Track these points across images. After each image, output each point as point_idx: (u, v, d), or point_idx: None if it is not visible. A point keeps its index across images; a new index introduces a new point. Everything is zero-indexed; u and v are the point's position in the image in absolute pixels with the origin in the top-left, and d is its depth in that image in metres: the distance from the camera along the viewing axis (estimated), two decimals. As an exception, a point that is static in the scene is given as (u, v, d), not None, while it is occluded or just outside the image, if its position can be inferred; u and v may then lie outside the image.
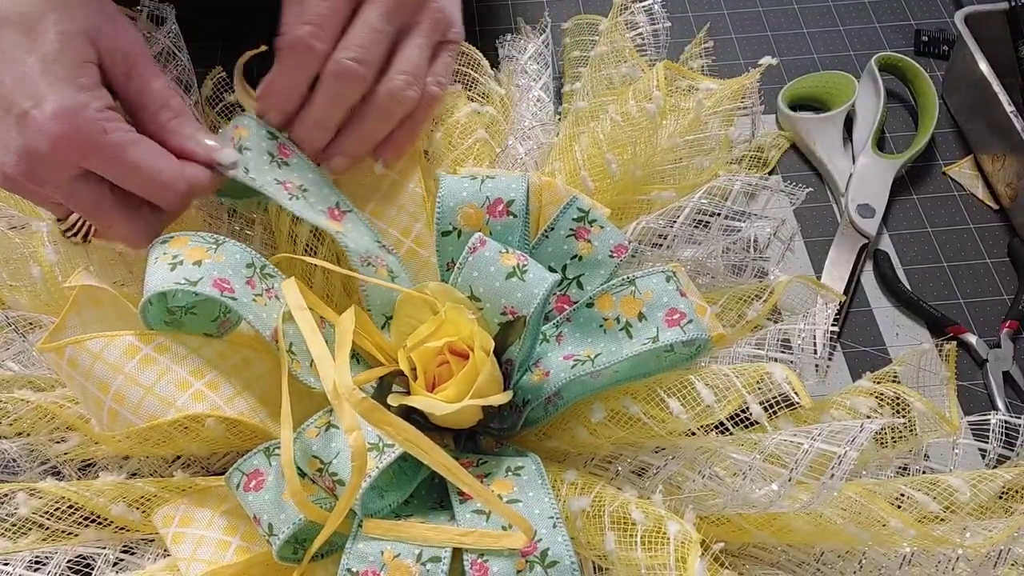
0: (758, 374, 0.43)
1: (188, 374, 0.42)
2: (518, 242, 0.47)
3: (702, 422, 0.42)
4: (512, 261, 0.44)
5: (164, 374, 0.41)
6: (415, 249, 0.50)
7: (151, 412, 0.41)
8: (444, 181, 0.48)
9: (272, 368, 0.44)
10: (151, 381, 0.41)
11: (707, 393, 0.42)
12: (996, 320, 0.57)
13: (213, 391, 0.42)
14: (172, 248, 0.43)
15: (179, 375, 0.41)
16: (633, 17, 0.59)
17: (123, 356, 0.41)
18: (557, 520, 0.39)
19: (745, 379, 0.42)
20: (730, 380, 0.43)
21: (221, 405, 0.41)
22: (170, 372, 0.41)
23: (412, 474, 0.43)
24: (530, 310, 0.43)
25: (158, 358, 0.42)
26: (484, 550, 0.39)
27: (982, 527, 0.42)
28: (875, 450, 0.46)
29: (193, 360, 0.42)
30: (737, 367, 0.44)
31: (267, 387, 0.44)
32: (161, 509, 0.43)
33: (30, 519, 0.43)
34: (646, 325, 0.44)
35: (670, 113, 0.55)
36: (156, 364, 0.41)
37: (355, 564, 0.39)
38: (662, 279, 0.45)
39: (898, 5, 0.74)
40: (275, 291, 0.44)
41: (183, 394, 0.41)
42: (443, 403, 0.41)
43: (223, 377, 0.42)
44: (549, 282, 0.43)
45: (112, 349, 0.41)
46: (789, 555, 0.44)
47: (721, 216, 0.52)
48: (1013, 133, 0.59)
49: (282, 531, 0.39)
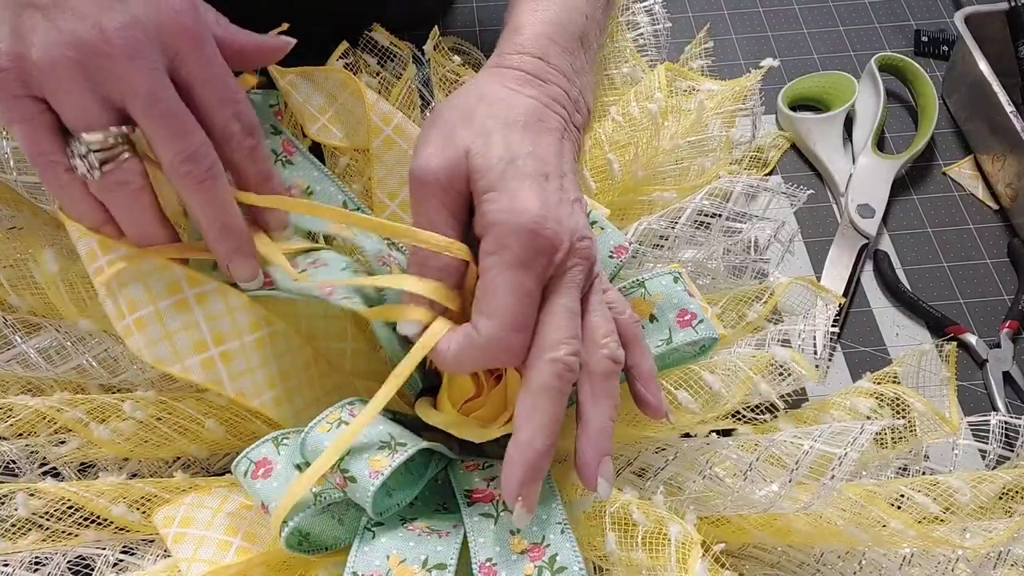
0: (763, 360, 0.43)
1: (211, 336, 0.41)
2: None
3: (713, 412, 0.42)
4: None
5: (189, 327, 0.41)
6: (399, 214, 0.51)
7: (160, 356, 0.41)
8: None
9: (297, 347, 0.45)
10: (175, 328, 0.41)
11: (713, 380, 0.43)
12: (996, 320, 0.57)
13: (225, 363, 0.41)
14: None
15: (201, 334, 0.41)
16: (634, 17, 0.59)
17: (164, 289, 0.40)
18: (565, 526, 0.39)
19: (750, 365, 0.43)
20: (736, 365, 0.43)
21: (224, 380, 0.41)
22: (195, 328, 0.41)
23: (419, 474, 0.43)
24: None
25: (194, 308, 0.41)
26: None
27: (982, 528, 0.42)
28: (875, 451, 0.46)
29: (223, 322, 0.42)
30: (740, 354, 0.44)
31: (287, 367, 0.44)
32: (161, 509, 0.43)
33: (30, 520, 0.42)
34: (658, 326, 0.44)
35: (671, 114, 0.55)
36: (188, 313, 0.41)
37: (360, 568, 0.39)
38: (670, 280, 0.45)
39: (898, 5, 0.74)
40: (322, 261, 0.44)
41: (195, 356, 0.41)
42: (479, 428, 0.41)
43: (243, 350, 0.42)
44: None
45: (158, 278, 0.40)
46: (789, 556, 0.44)
47: (722, 217, 0.52)
48: (1013, 133, 0.59)
49: (291, 518, 0.39)
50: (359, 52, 0.56)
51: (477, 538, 0.39)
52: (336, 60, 0.55)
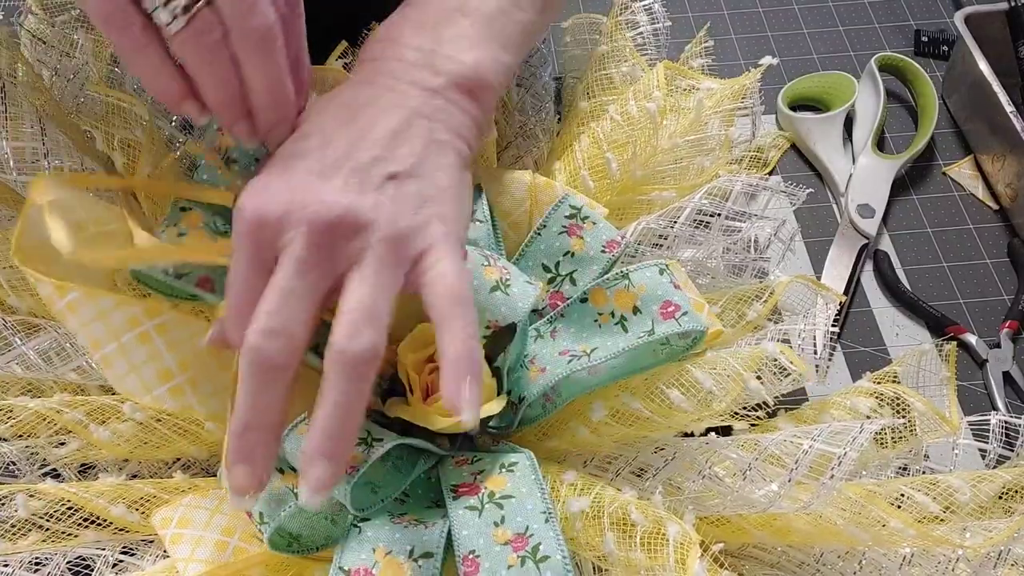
0: (755, 356, 0.43)
1: (176, 364, 0.41)
2: (492, 246, 0.48)
3: (707, 411, 0.42)
4: (495, 275, 0.44)
5: (153, 359, 0.41)
6: None
7: (129, 389, 0.41)
8: None
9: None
10: (139, 361, 0.41)
11: (705, 379, 0.42)
12: (996, 320, 0.57)
13: (193, 388, 0.42)
14: (183, 224, 0.43)
15: (166, 364, 0.41)
16: (633, 16, 0.59)
17: (125, 324, 0.41)
18: (550, 515, 0.39)
19: (742, 362, 0.42)
20: (728, 363, 0.43)
21: (194, 405, 0.42)
22: (159, 359, 0.41)
23: (407, 470, 0.43)
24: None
25: (155, 339, 0.41)
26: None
27: (982, 527, 0.42)
28: (875, 450, 0.46)
29: (186, 349, 0.42)
30: (733, 351, 0.44)
31: None
32: (159, 510, 0.43)
33: (30, 520, 0.42)
34: (641, 318, 0.44)
35: (670, 113, 0.55)
36: (150, 344, 0.41)
37: (347, 562, 0.39)
38: (655, 272, 0.45)
39: (898, 5, 0.74)
40: None
41: (162, 386, 0.41)
42: (439, 417, 0.41)
43: (208, 373, 0.42)
44: (533, 296, 0.44)
45: (118, 314, 0.40)
46: (789, 556, 0.44)
47: (721, 216, 0.52)
48: (1013, 133, 0.59)
49: (272, 520, 0.39)
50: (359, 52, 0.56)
51: (461, 531, 0.39)
52: (335, 60, 0.55)
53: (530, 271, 0.48)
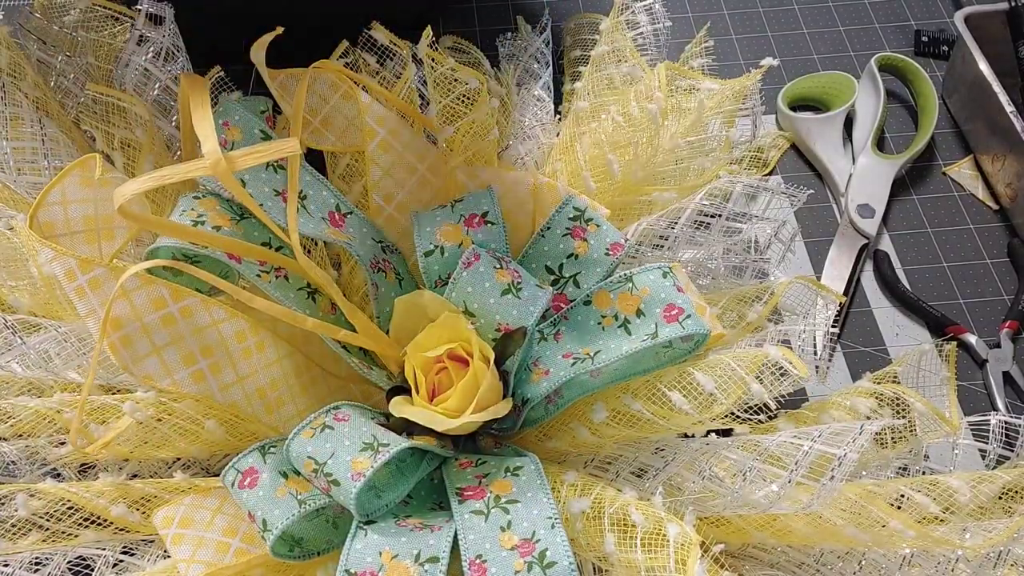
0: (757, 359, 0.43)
1: (199, 349, 0.41)
2: (504, 248, 0.48)
3: (708, 413, 0.42)
4: (507, 278, 0.44)
5: (177, 341, 0.41)
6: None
7: (148, 372, 0.41)
8: (417, 216, 0.49)
9: (285, 355, 0.45)
10: (162, 343, 0.41)
11: (707, 381, 0.42)
12: (996, 320, 0.57)
13: (214, 375, 0.42)
14: (200, 207, 0.43)
15: (189, 347, 0.41)
16: (634, 17, 0.59)
17: (150, 305, 0.41)
18: (556, 521, 0.39)
19: (744, 364, 0.42)
20: (730, 367, 0.43)
21: (215, 392, 0.42)
22: (183, 341, 0.41)
23: (410, 473, 0.43)
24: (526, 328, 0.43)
25: (179, 321, 0.41)
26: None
27: (982, 528, 0.42)
28: (875, 451, 0.46)
29: (211, 334, 0.42)
30: (734, 353, 0.44)
31: (275, 375, 0.44)
32: (160, 510, 0.43)
33: (30, 520, 0.42)
34: (645, 321, 0.44)
35: (671, 113, 0.55)
36: (175, 327, 0.41)
37: (353, 565, 0.39)
38: (659, 275, 0.45)
39: (898, 5, 0.74)
40: (284, 272, 0.44)
41: (184, 369, 0.41)
42: (444, 418, 0.41)
43: (230, 360, 0.42)
44: (543, 300, 0.44)
45: (143, 294, 0.40)
46: (789, 556, 0.44)
47: (722, 217, 0.52)
48: (1013, 133, 0.59)
49: (276, 526, 0.39)
50: (359, 51, 0.56)
51: (467, 535, 0.39)
52: (336, 59, 0.55)
53: (533, 273, 0.48)
